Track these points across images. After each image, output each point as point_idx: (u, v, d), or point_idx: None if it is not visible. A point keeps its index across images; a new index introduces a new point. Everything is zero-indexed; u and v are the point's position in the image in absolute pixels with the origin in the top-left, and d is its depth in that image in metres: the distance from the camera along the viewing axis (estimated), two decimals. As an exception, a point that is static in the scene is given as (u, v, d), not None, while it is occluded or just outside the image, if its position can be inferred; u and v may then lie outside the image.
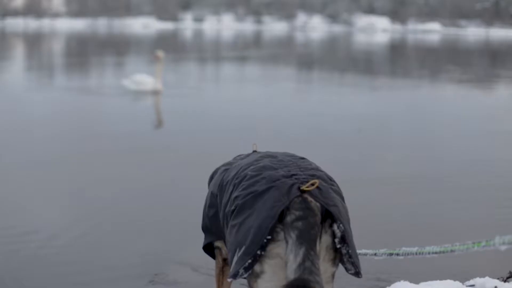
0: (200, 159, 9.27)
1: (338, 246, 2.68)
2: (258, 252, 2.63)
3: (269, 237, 2.62)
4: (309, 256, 2.49)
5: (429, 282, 4.35)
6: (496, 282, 4.40)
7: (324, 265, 2.65)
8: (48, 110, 14.56)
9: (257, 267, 2.66)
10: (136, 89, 17.35)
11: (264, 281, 2.66)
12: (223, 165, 3.55)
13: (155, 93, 17.16)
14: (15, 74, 23.35)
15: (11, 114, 13.68)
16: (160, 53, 17.69)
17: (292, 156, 3.12)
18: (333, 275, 2.74)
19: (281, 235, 2.62)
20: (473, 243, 3.00)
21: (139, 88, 17.34)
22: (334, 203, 2.71)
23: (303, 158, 3.10)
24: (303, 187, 2.68)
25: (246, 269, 2.65)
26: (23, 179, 8.38)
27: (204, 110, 14.63)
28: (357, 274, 2.76)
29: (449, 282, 4.33)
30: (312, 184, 2.71)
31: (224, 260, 3.47)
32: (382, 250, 3.41)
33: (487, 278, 4.45)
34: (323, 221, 2.65)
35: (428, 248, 3.19)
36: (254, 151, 3.59)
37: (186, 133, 11.90)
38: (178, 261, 5.53)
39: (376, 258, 3.44)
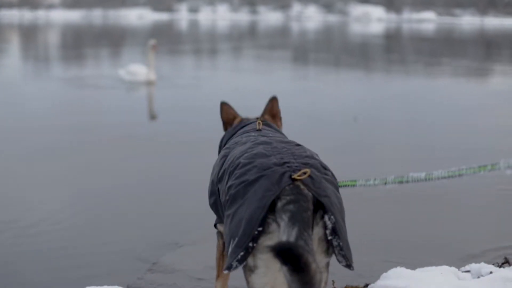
0: (196, 149, 9.30)
1: (329, 237, 2.61)
2: (250, 244, 2.58)
3: (260, 228, 2.57)
4: (302, 236, 2.45)
5: (425, 268, 4.37)
6: (492, 267, 4.43)
7: (317, 257, 2.58)
8: (42, 101, 14.51)
9: (250, 261, 2.62)
10: (130, 80, 17.33)
11: (258, 276, 2.63)
12: (225, 146, 3.52)
13: (148, 83, 17.14)
14: (10, 65, 23.29)
15: (4, 105, 13.67)
16: (154, 43, 17.64)
17: (287, 142, 3.07)
18: (327, 265, 2.69)
19: (273, 226, 2.57)
20: (479, 166, 3.00)
21: (133, 79, 17.32)
22: (326, 193, 2.64)
23: (299, 145, 3.04)
24: (295, 176, 2.63)
25: (240, 262, 2.61)
26: (14, 171, 8.38)
27: (198, 100, 14.61)
28: (349, 266, 2.68)
29: (445, 268, 4.36)
30: (304, 173, 2.65)
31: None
32: (391, 178, 3.32)
33: (482, 264, 4.48)
34: (314, 211, 2.60)
35: (436, 173, 3.14)
36: (258, 130, 3.52)
37: (180, 123, 11.89)
38: (177, 250, 5.56)
39: (387, 186, 3.34)
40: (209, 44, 37.80)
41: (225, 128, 4.01)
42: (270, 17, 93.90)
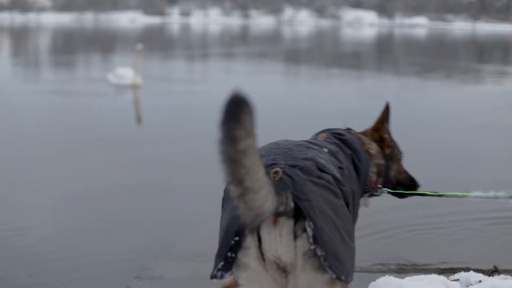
0: (184, 155, 9.29)
1: (312, 247, 2.45)
2: (229, 254, 2.51)
3: (236, 238, 2.49)
4: None
5: (414, 277, 4.36)
6: (481, 276, 4.42)
7: (307, 275, 2.47)
8: (29, 105, 14.47)
9: (235, 275, 2.56)
10: (117, 83, 17.31)
11: None
12: None
13: (134, 87, 17.11)
14: (1, 67, 23.24)
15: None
16: (141, 47, 17.62)
17: (297, 144, 2.91)
18: (330, 282, 2.50)
19: (248, 239, 2.49)
20: None
21: (119, 82, 17.30)
22: (307, 197, 2.48)
23: (310, 147, 2.88)
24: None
25: (222, 271, 2.56)
26: (4, 175, 8.34)
27: (185, 104, 14.62)
28: (338, 278, 2.50)
29: (434, 276, 4.35)
30: (276, 173, 2.53)
31: None
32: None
33: (471, 272, 4.46)
34: (296, 221, 2.47)
35: None
36: None
37: (166, 127, 11.87)
38: (165, 257, 5.52)
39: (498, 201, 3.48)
40: (200, 48, 37.78)
41: None
42: (262, 21, 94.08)
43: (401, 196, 3.69)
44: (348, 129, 3.50)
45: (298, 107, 14.30)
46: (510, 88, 20.58)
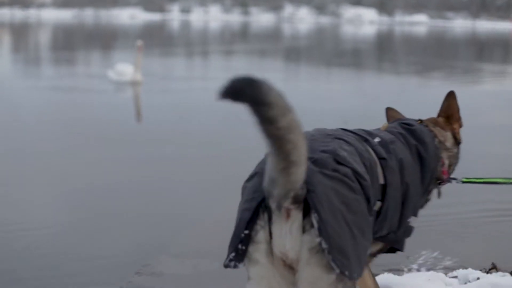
0: (183, 151, 9.31)
1: (317, 239, 2.40)
2: (239, 246, 2.49)
3: (246, 231, 2.47)
4: None
5: (413, 274, 4.39)
6: (479, 273, 4.45)
7: (312, 269, 2.41)
8: (28, 101, 14.47)
9: (246, 269, 2.54)
10: (117, 80, 17.28)
11: (249, 286, 2.54)
12: None
13: (134, 84, 17.10)
14: (1, 62, 23.24)
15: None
16: (140, 43, 17.62)
17: (326, 134, 2.82)
18: (338, 280, 2.43)
19: (260, 234, 2.46)
20: None
21: (119, 79, 17.27)
22: (315, 189, 2.41)
23: (339, 137, 2.78)
24: None
25: (234, 261, 2.52)
26: (3, 171, 8.36)
27: (185, 101, 14.63)
28: (342, 273, 2.40)
29: (432, 273, 4.37)
30: None
31: None
32: None
33: (469, 269, 4.49)
34: (306, 216, 2.43)
35: None
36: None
37: (165, 124, 11.87)
38: (166, 253, 5.54)
39: None
40: (200, 45, 37.75)
41: None
42: (262, 18, 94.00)
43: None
44: (420, 120, 3.46)
45: (297, 106, 14.30)
46: (510, 87, 20.59)
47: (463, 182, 3.64)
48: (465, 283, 4.31)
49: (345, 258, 2.39)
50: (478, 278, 4.35)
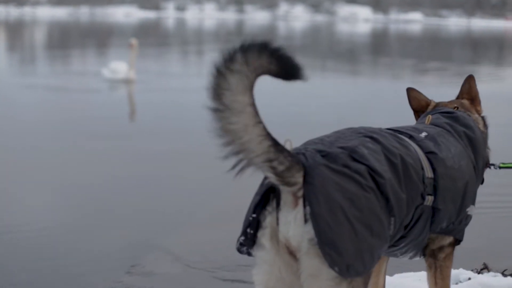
0: (174, 150, 9.29)
1: (313, 231, 2.36)
2: (248, 230, 2.50)
3: (254, 215, 2.47)
4: None
5: (403, 274, 4.38)
6: (470, 273, 4.44)
7: (311, 260, 2.38)
8: (22, 99, 14.45)
9: (253, 253, 2.53)
10: (111, 78, 17.27)
11: (255, 272, 2.54)
12: None
13: (127, 82, 17.08)
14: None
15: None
16: (134, 41, 17.60)
17: (357, 132, 2.78)
18: (341, 278, 2.39)
19: (268, 219, 2.46)
20: None
21: (113, 77, 17.26)
22: (313, 181, 2.38)
23: (369, 136, 2.72)
24: None
25: (244, 246, 2.53)
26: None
27: (179, 99, 14.61)
28: (332, 268, 2.36)
29: (423, 274, 4.35)
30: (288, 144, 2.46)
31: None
32: None
33: (461, 269, 4.48)
34: (305, 205, 2.40)
35: None
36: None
37: (160, 122, 11.86)
38: (155, 252, 5.53)
39: None
40: (195, 43, 37.73)
41: (417, 117, 3.60)
42: (257, 16, 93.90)
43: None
44: (456, 107, 3.43)
45: (293, 104, 14.31)
46: (509, 86, 20.63)
47: (500, 167, 3.59)
48: (456, 284, 4.31)
49: (338, 254, 2.34)
50: (469, 279, 4.35)
